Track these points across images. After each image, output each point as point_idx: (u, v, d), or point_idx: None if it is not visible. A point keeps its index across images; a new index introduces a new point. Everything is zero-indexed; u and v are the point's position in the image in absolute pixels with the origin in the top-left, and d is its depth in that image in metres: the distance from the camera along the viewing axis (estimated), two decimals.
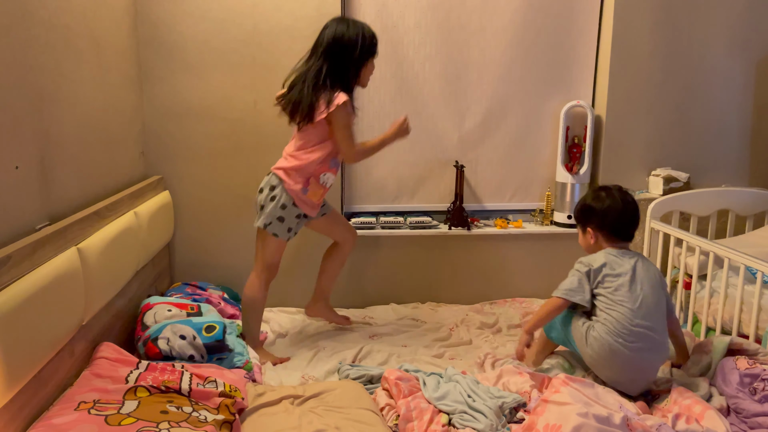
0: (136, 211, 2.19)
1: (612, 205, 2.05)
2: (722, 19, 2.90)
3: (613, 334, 1.85)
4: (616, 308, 1.88)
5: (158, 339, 1.92)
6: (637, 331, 1.84)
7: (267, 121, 2.74)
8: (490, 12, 2.88)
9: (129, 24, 2.49)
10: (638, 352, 1.83)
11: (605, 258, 1.99)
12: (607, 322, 1.87)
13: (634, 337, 1.83)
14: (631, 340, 1.83)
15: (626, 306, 1.87)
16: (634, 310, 1.86)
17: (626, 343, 1.83)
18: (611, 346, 1.84)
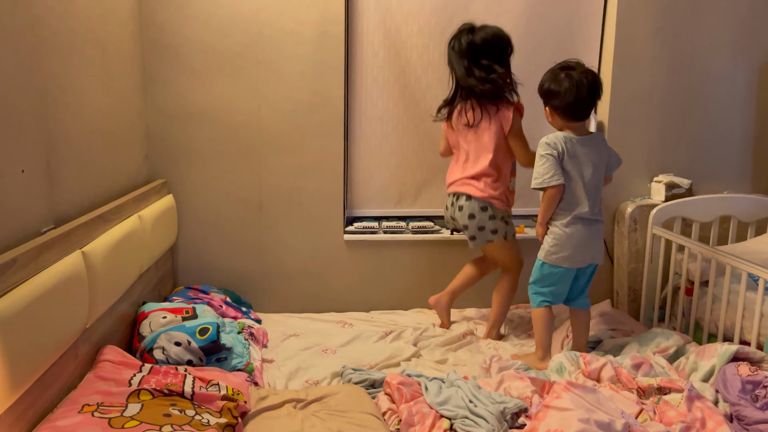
0: (140, 215, 2.20)
1: (569, 87, 2.20)
2: (724, 25, 2.91)
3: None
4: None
5: (153, 349, 1.93)
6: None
7: (270, 125, 2.76)
8: (492, 18, 2.88)
9: (134, 28, 2.50)
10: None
11: (565, 143, 2.20)
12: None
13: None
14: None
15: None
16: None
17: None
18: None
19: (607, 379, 1.94)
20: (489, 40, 2.40)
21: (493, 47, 2.41)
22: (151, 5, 2.60)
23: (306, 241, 2.87)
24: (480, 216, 2.46)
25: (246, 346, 2.21)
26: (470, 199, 2.46)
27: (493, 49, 2.41)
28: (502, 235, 2.49)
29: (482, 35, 2.40)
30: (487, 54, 2.40)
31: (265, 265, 2.87)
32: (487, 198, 2.45)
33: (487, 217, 2.46)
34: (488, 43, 2.40)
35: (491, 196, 2.45)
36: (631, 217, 2.88)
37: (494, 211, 2.47)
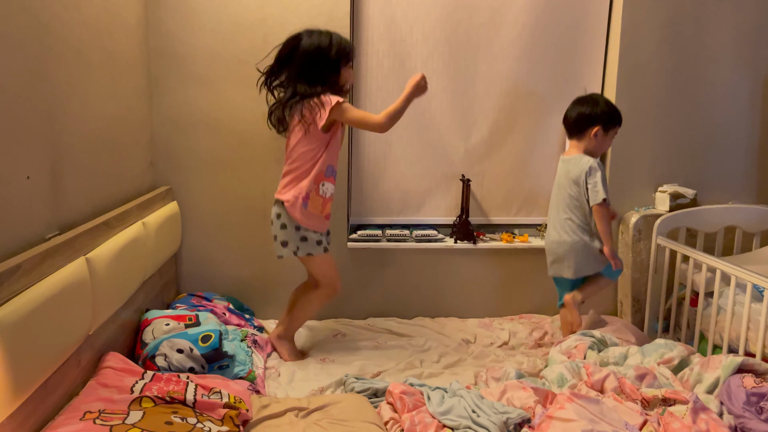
0: (144, 222, 2.20)
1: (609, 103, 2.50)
2: (729, 36, 2.91)
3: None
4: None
5: (155, 357, 1.93)
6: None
7: (274, 133, 2.74)
8: (497, 26, 2.90)
9: (141, 36, 2.52)
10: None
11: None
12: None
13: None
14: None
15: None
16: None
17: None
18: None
19: (611, 390, 1.92)
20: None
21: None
22: (157, 13, 2.62)
23: None
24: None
25: (248, 353, 2.21)
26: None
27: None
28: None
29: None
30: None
31: (268, 272, 2.87)
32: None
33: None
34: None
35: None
36: (635, 227, 2.87)
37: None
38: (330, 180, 2.30)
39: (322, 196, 2.29)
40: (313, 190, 2.26)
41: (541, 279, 3.01)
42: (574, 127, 2.49)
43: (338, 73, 2.28)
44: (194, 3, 2.63)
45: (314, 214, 2.28)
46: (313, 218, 2.28)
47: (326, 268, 2.36)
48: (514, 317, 2.98)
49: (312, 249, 2.29)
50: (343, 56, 2.27)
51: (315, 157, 2.26)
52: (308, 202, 2.25)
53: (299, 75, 2.26)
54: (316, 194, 2.27)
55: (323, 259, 2.33)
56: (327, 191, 2.30)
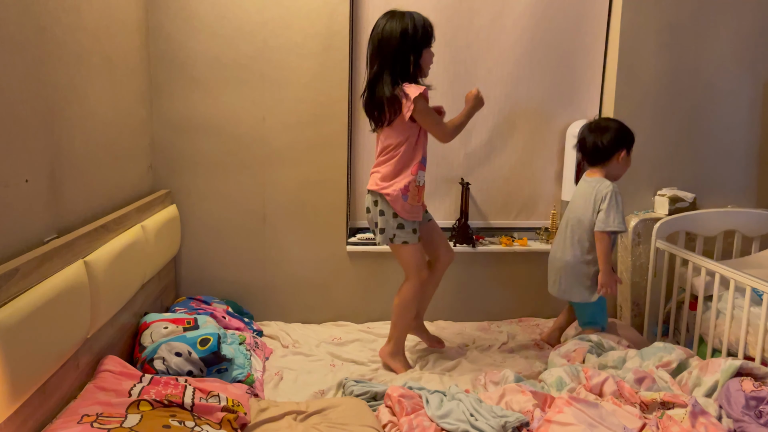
0: (143, 225, 2.20)
1: (624, 125, 2.44)
2: (729, 40, 2.92)
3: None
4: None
5: (154, 360, 1.93)
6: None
7: (275, 136, 2.77)
8: (497, 31, 2.91)
9: (140, 40, 2.53)
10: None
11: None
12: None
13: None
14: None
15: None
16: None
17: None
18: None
19: (610, 394, 1.92)
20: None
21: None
22: (158, 18, 2.63)
23: (309, 252, 2.87)
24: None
25: (247, 357, 2.21)
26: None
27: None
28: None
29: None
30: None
31: (267, 275, 2.87)
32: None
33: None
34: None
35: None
36: (634, 231, 2.87)
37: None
38: (423, 168, 2.32)
39: (419, 185, 2.31)
40: (412, 182, 2.27)
41: (540, 282, 3.01)
42: (597, 156, 2.42)
43: (420, 57, 2.23)
44: (195, 7, 2.64)
45: (414, 205, 2.30)
46: (413, 209, 2.30)
47: (418, 257, 2.35)
48: (513, 320, 2.98)
49: (408, 237, 2.30)
50: (424, 39, 2.22)
51: (409, 149, 2.26)
52: (408, 195, 2.27)
53: (382, 65, 2.21)
54: (415, 186, 2.28)
55: (416, 248, 2.33)
56: (422, 180, 2.32)
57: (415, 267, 2.35)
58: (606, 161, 2.42)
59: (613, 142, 2.39)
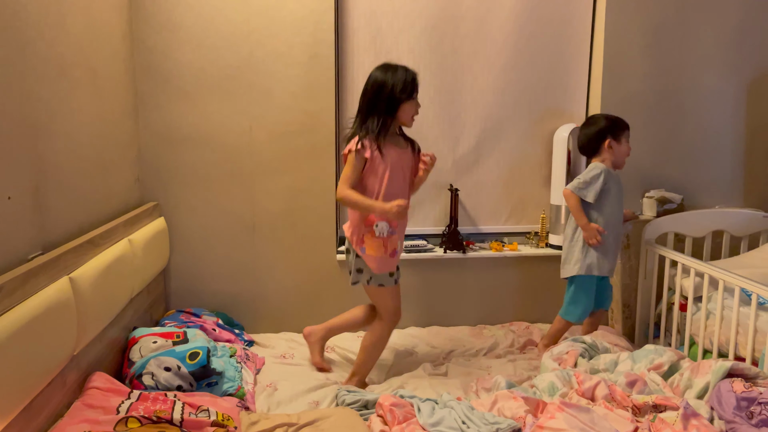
0: (130, 239, 2.19)
1: (608, 116, 2.60)
2: (713, 42, 2.94)
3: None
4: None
5: (142, 375, 1.91)
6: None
7: (262, 147, 2.76)
8: (483, 37, 2.92)
9: (126, 52, 2.52)
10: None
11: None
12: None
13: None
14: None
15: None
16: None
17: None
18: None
19: (602, 398, 1.92)
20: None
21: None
22: (143, 29, 2.62)
23: (299, 261, 2.86)
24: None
25: (238, 369, 2.19)
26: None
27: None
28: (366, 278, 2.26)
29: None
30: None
31: (258, 286, 2.86)
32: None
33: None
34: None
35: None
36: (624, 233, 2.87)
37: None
38: (382, 219, 2.17)
39: (380, 236, 2.18)
40: (368, 233, 2.19)
41: (530, 286, 3.02)
42: (588, 149, 2.60)
43: (396, 110, 2.19)
44: (180, 18, 2.63)
45: (375, 256, 2.19)
46: (374, 261, 2.20)
47: (394, 299, 2.30)
48: (505, 324, 2.98)
49: (383, 280, 2.24)
50: (402, 94, 2.16)
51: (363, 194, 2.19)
52: (364, 246, 2.20)
53: (358, 115, 2.24)
54: (371, 237, 2.18)
55: (392, 291, 2.28)
56: (383, 231, 2.18)
57: (392, 309, 2.30)
58: (597, 152, 2.57)
59: (596, 133, 2.55)
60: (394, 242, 2.23)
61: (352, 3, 2.80)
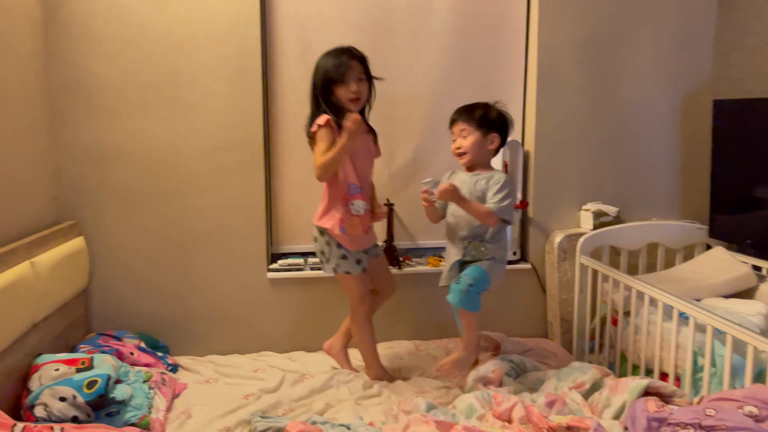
0: (33, 261, 2.09)
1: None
2: (647, 57, 2.93)
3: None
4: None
5: (35, 407, 1.81)
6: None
7: (189, 162, 2.69)
8: (416, 50, 2.89)
9: (39, 68, 2.43)
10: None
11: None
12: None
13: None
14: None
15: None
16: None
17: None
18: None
19: (517, 420, 1.87)
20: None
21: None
22: (59, 43, 2.53)
23: (228, 280, 2.78)
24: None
25: (148, 396, 2.10)
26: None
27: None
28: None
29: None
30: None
31: (186, 306, 2.77)
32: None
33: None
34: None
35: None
36: (560, 247, 2.85)
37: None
38: (357, 197, 2.31)
39: (357, 214, 2.30)
40: (346, 213, 2.29)
41: None
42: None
43: (331, 95, 2.28)
44: (98, 32, 2.56)
45: (354, 235, 2.31)
46: (355, 239, 2.32)
47: (361, 287, 2.38)
48: (443, 340, 2.92)
49: (350, 268, 2.34)
50: (331, 77, 2.25)
51: (335, 180, 2.29)
52: (345, 227, 2.29)
53: (311, 105, 2.35)
54: (349, 216, 2.29)
55: (359, 278, 2.36)
56: (360, 209, 2.31)
57: (357, 297, 2.39)
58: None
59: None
60: (367, 219, 2.35)
61: (280, 16, 2.75)
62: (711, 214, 2.78)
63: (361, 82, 2.29)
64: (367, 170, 2.40)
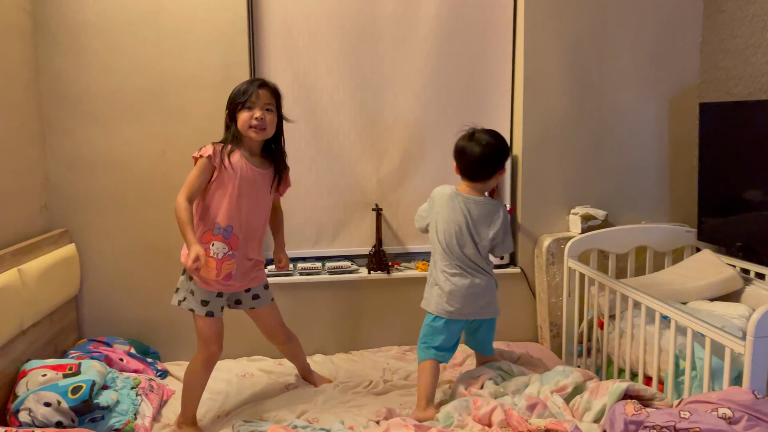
0: (20, 269, 2.12)
1: (465, 147, 2.27)
2: (632, 60, 2.94)
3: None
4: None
5: (19, 412, 1.84)
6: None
7: (176, 170, 2.71)
8: (402, 56, 2.91)
9: (28, 77, 2.46)
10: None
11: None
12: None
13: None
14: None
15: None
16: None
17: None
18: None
19: (497, 423, 1.87)
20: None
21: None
22: (48, 53, 2.57)
23: None
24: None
25: (134, 402, 2.12)
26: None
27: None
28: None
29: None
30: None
31: (174, 312, 2.72)
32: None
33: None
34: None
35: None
36: (548, 251, 2.86)
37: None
38: (219, 239, 2.06)
39: (214, 257, 2.07)
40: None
41: None
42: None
43: (235, 121, 2.12)
44: (86, 42, 2.59)
45: (207, 276, 2.08)
46: (208, 281, 2.10)
47: (206, 330, 2.15)
48: None
49: (195, 306, 2.12)
50: (235, 103, 2.10)
51: (198, 211, 2.09)
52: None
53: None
54: (206, 255, 2.00)
55: (205, 321, 2.13)
56: (218, 252, 2.07)
57: (203, 339, 2.15)
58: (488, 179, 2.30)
59: (496, 159, 2.26)
60: (229, 266, 2.10)
61: (267, 24, 2.78)
62: (699, 216, 2.78)
63: (269, 112, 2.10)
64: (255, 215, 2.15)
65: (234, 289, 2.20)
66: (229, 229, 2.09)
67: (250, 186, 2.11)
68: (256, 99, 2.08)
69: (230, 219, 2.08)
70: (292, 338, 2.47)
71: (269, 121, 2.10)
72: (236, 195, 2.08)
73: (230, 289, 2.18)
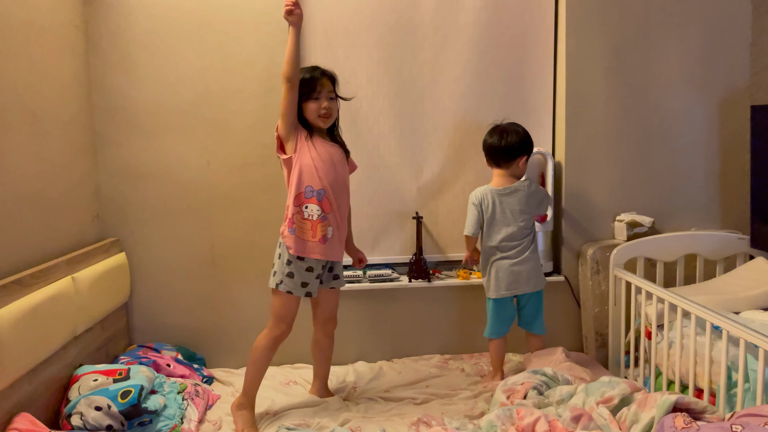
0: (74, 277, 2.20)
1: (486, 139, 2.62)
2: (677, 62, 2.88)
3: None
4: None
5: (71, 416, 1.90)
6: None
7: (220, 180, 2.78)
8: (441, 64, 2.91)
9: (80, 92, 2.56)
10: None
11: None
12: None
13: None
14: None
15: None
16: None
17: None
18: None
19: None
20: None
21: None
22: (100, 69, 2.67)
23: (260, 293, 2.83)
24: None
25: (181, 407, 2.17)
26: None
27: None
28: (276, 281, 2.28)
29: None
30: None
31: (219, 319, 2.85)
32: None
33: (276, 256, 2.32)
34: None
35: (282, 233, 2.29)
36: (593, 259, 2.80)
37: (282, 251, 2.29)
38: (312, 201, 2.22)
39: (309, 219, 2.22)
40: (297, 214, 2.22)
41: None
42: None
43: (302, 111, 2.28)
44: (135, 57, 2.69)
45: (305, 240, 2.22)
46: (306, 245, 2.22)
47: (285, 309, 2.28)
48: (474, 355, 2.91)
49: (293, 288, 2.25)
50: (302, 94, 2.24)
51: (289, 182, 2.26)
52: (294, 227, 2.22)
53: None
54: (301, 218, 2.21)
55: (291, 300, 2.27)
56: (313, 213, 2.22)
57: (277, 317, 2.28)
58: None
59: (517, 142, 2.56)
60: (324, 228, 2.23)
61: (307, 35, 2.82)
62: (752, 223, 2.68)
63: (331, 100, 2.30)
64: (335, 178, 2.27)
65: (333, 257, 2.31)
66: (322, 192, 2.23)
67: (331, 156, 2.27)
68: (320, 88, 2.25)
69: (321, 183, 2.23)
70: (333, 336, 2.54)
71: (333, 108, 2.31)
72: (321, 163, 2.23)
73: (330, 256, 2.28)
